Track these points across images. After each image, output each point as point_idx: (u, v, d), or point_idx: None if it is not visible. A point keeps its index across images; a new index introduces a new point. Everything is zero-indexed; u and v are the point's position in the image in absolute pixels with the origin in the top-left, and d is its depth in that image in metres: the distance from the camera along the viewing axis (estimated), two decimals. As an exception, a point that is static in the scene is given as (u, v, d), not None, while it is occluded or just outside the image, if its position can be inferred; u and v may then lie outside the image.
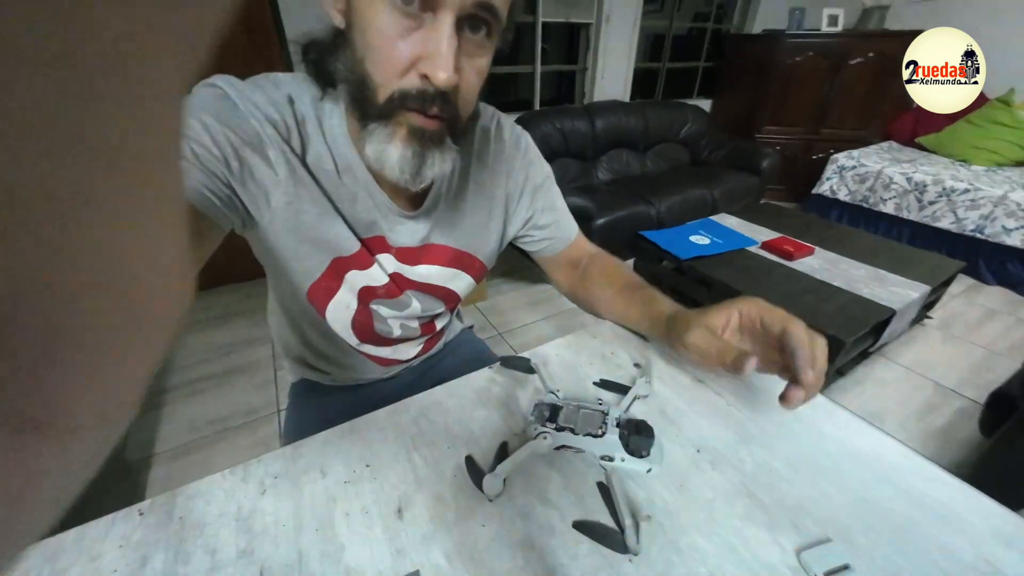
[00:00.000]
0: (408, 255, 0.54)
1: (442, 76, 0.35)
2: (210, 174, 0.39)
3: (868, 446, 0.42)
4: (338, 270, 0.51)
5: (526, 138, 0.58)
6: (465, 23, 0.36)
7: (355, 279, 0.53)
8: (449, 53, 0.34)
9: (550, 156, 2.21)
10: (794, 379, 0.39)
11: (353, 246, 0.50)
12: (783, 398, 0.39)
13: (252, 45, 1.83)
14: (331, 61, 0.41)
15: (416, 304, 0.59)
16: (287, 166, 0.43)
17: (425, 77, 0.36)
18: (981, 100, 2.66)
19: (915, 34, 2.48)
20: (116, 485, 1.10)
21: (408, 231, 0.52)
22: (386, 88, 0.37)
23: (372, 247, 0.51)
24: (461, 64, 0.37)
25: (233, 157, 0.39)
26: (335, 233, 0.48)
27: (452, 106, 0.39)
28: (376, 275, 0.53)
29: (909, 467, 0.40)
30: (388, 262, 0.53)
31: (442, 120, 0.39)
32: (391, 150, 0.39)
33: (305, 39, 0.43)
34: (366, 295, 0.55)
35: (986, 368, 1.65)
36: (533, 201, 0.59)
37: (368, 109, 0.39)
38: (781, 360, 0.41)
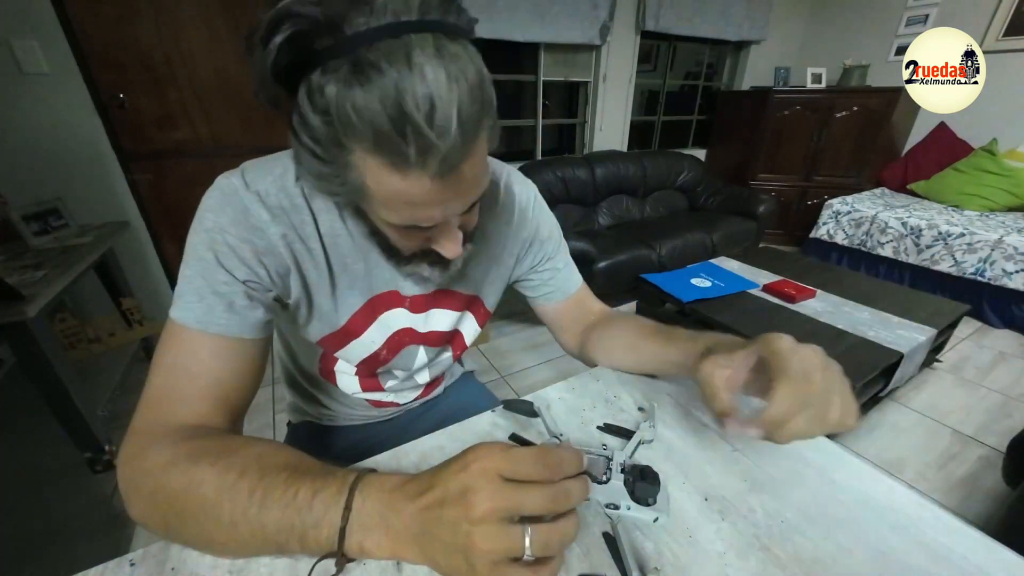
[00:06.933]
0: (420, 303, 0.55)
1: (453, 256, 0.41)
2: (257, 295, 0.42)
3: (882, 495, 0.41)
4: (335, 346, 0.54)
5: (535, 192, 0.60)
6: None
7: (350, 354, 0.55)
8: (457, 240, 0.40)
9: (552, 202, 2.27)
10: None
11: (340, 320, 0.51)
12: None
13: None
14: None
15: (423, 355, 0.61)
16: (291, 253, 0.44)
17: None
18: (966, 149, 2.77)
19: (896, 91, 2.66)
20: (106, 535, 1.05)
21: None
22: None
23: (376, 306, 0.52)
24: (463, 222, 0.41)
25: (259, 266, 0.42)
26: (328, 307, 0.50)
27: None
28: (372, 340, 0.54)
29: (928, 518, 0.38)
30: (394, 318, 0.54)
31: None
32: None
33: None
34: (370, 364, 0.57)
35: (1004, 414, 1.60)
36: (541, 249, 0.61)
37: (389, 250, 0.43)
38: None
